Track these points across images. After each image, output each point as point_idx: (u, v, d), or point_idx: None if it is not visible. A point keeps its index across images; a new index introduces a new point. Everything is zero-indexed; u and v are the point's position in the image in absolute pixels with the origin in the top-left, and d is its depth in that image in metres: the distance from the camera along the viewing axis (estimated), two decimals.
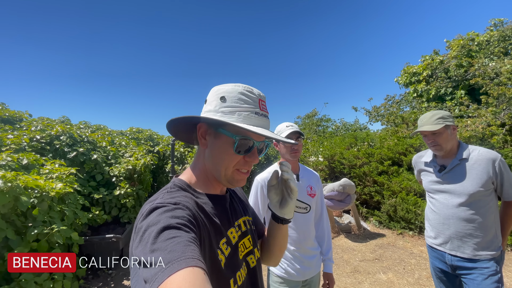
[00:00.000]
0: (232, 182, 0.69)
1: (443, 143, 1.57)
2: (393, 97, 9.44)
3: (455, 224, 1.53)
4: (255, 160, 0.69)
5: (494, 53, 6.46)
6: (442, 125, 1.53)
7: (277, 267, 1.53)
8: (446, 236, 1.58)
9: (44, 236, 2.35)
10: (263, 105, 0.69)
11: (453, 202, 1.54)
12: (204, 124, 0.70)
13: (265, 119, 0.68)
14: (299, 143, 1.54)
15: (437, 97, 7.48)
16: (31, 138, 3.66)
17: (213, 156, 0.69)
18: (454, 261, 1.56)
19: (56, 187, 2.64)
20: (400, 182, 4.83)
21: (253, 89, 0.69)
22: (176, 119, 0.67)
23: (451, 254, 1.57)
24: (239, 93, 0.66)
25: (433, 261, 1.71)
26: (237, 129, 0.64)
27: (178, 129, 0.75)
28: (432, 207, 1.68)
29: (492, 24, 7.74)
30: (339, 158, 6.11)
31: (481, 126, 4.57)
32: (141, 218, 0.55)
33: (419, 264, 3.43)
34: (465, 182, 1.50)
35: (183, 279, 0.40)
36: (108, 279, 3.30)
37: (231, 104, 0.65)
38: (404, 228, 4.53)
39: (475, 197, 1.47)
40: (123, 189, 3.81)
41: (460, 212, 1.51)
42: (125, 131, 7.22)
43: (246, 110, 0.65)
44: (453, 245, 1.55)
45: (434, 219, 1.65)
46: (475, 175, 1.48)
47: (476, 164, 1.50)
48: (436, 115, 1.58)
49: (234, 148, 0.65)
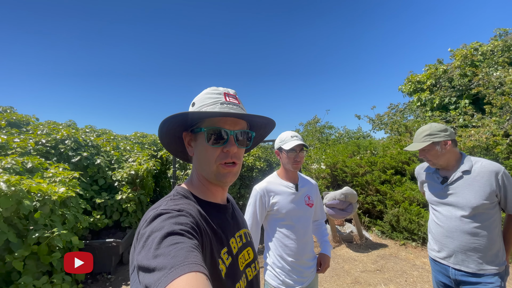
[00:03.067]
0: (220, 177, 0.69)
1: (433, 159, 1.56)
2: (397, 106, 9.40)
3: (459, 237, 1.49)
4: (232, 148, 0.67)
5: (498, 63, 6.44)
6: (428, 142, 1.52)
7: (275, 278, 1.52)
8: (450, 250, 1.53)
9: (44, 239, 2.38)
10: (231, 97, 0.71)
11: (457, 214, 1.50)
12: (188, 133, 0.72)
13: (234, 107, 0.68)
14: (302, 154, 1.54)
15: (441, 106, 7.43)
16: (36, 141, 3.73)
17: (198, 157, 0.71)
18: (458, 275, 1.51)
19: (58, 191, 2.68)
20: (403, 192, 4.77)
21: (219, 87, 0.72)
22: (160, 133, 0.70)
23: (455, 268, 1.52)
24: (205, 93, 0.70)
25: (436, 274, 1.67)
26: (208, 122, 0.68)
27: (175, 147, 0.78)
28: (435, 219, 1.64)
29: (497, 34, 7.73)
30: (342, 166, 6.07)
31: (485, 136, 4.51)
32: (145, 224, 0.56)
33: (421, 277, 3.36)
34: (468, 194, 1.47)
35: (186, 284, 0.40)
36: (107, 283, 3.29)
37: (198, 105, 0.69)
38: (407, 238, 4.45)
39: (478, 209, 1.44)
40: (125, 194, 3.84)
41: (464, 225, 1.47)
42: (129, 136, 7.32)
43: (211, 104, 0.67)
44: (457, 259, 1.51)
45: (438, 232, 1.61)
46: (478, 187, 1.45)
47: (478, 176, 1.47)
48: (424, 132, 1.57)
49: (206, 140, 0.66)
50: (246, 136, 0.72)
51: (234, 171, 0.70)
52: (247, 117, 0.71)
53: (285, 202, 1.53)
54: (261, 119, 0.72)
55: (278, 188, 1.56)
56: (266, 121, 0.75)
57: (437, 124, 1.59)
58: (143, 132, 7.87)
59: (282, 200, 1.53)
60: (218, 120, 0.67)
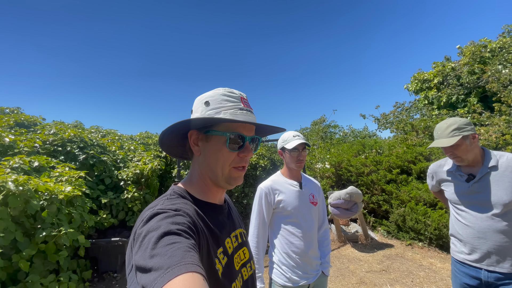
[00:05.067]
0: (230, 181, 0.70)
1: (462, 155, 1.47)
2: (403, 104, 9.29)
3: (492, 238, 1.41)
4: (250, 153, 0.70)
5: (507, 60, 6.30)
6: (459, 137, 1.43)
7: (281, 276, 1.52)
8: (483, 251, 1.45)
9: (51, 238, 2.41)
10: (246, 102, 0.71)
11: (488, 213, 1.42)
12: (195, 131, 0.71)
13: (250, 113, 0.70)
14: (304, 153, 1.57)
15: (448, 105, 7.31)
16: (44, 141, 3.79)
17: (208, 159, 0.70)
18: (491, 277, 1.44)
19: (65, 190, 2.71)
20: (409, 191, 4.71)
21: (233, 90, 0.72)
22: (167, 129, 0.68)
23: (488, 270, 1.44)
24: (221, 94, 0.69)
25: (461, 277, 1.58)
26: (227, 126, 0.68)
27: (171, 144, 0.76)
28: (462, 220, 1.55)
29: (505, 31, 7.57)
30: (346, 165, 6.02)
31: (494, 135, 4.43)
32: (141, 224, 0.55)
33: (428, 277, 3.31)
34: (499, 191, 1.40)
35: (183, 284, 0.40)
36: (113, 282, 3.33)
37: (215, 106, 0.68)
38: (413, 239, 4.40)
39: (510, 206, 1.38)
40: (130, 193, 3.87)
41: (496, 224, 1.40)
42: (134, 136, 7.39)
43: (231, 108, 0.67)
44: (491, 260, 1.43)
45: (467, 233, 1.52)
46: (508, 183, 1.39)
47: (507, 171, 1.41)
48: (451, 126, 1.47)
49: (227, 145, 0.67)
50: (257, 141, 0.75)
51: (243, 175, 0.73)
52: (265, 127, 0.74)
53: (290, 199, 1.54)
54: (276, 129, 0.78)
55: (283, 186, 1.58)
56: (279, 130, 0.79)
57: (461, 118, 1.52)
58: (148, 132, 7.93)
59: (287, 197, 1.54)
60: (238, 126, 0.69)
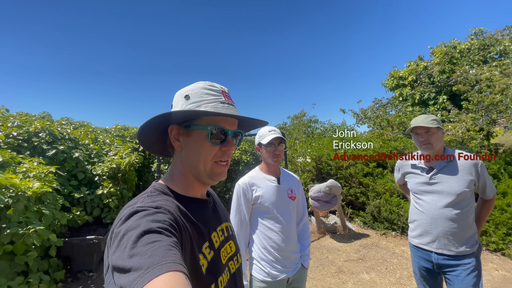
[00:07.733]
0: (213, 176, 0.69)
1: (434, 142, 1.66)
2: (381, 100, 9.68)
3: (442, 224, 1.61)
4: (232, 147, 0.69)
5: (474, 61, 6.75)
6: (437, 125, 1.64)
7: (260, 271, 1.53)
8: (433, 236, 1.65)
9: (20, 237, 2.24)
10: (227, 96, 0.70)
11: (441, 202, 1.62)
12: (175, 126, 0.69)
13: (232, 107, 0.69)
14: (281, 147, 1.57)
15: (421, 102, 7.73)
16: (6, 134, 3.48)
17: (190, 154, 0.68)
18: (440, 259, 1.64)
19: (33, 186, 2.52)
20: (384, 184, 4.95)
21: (214, 83, 0.70)
22: (146, 123, 0.65)
23: (437, 252, 1.64)
24: (202, 88, 0.68)
25: (418, 260, 1.77)
26: (208, 120, 0.66)
27: (151, 140, 0.73)
28: (419, 208, 1.74)
29: (473, 33, 8.09)
30: (326, 159, 6.19)
31: (460, 131, 4.76)
32: (120, 222, 0.53)
33: (400, 264, 3.53)
34: (453, 182, 1.61)
35: (164, 284, 0.39)
36: (89, 281, 3.19)
37: (195, 99, 0.66)
38: (387, 228, 4.65)
39: (461, 197, 1.58)
40: (106, 189, 3.69)
41: (447, 212, 1.60)
42: (109, 129, 7.01)
43: (212, 101, 0.66)
44: (439, 244, 1.63)
45: (421, 219, 1.71)
46: (461, 176, 1.60)
47: (461, 166, 1.62)
48: (430, 117, 1.69)
49: (209, 139, 0.66)
50: (239, 136, 0.74)
51: (226, 170, 0.72)
52: (248, 120, 0.72)
53: (268, 195, 1.54)
54: (260, 123, 0.76)
55: (260, 181, 1.58)
56: (262, 124, 0.78)
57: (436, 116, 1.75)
58: (125, 125, 7.57)
59: (265, 193, 1.54)
60: (220, 120, 0.67)
